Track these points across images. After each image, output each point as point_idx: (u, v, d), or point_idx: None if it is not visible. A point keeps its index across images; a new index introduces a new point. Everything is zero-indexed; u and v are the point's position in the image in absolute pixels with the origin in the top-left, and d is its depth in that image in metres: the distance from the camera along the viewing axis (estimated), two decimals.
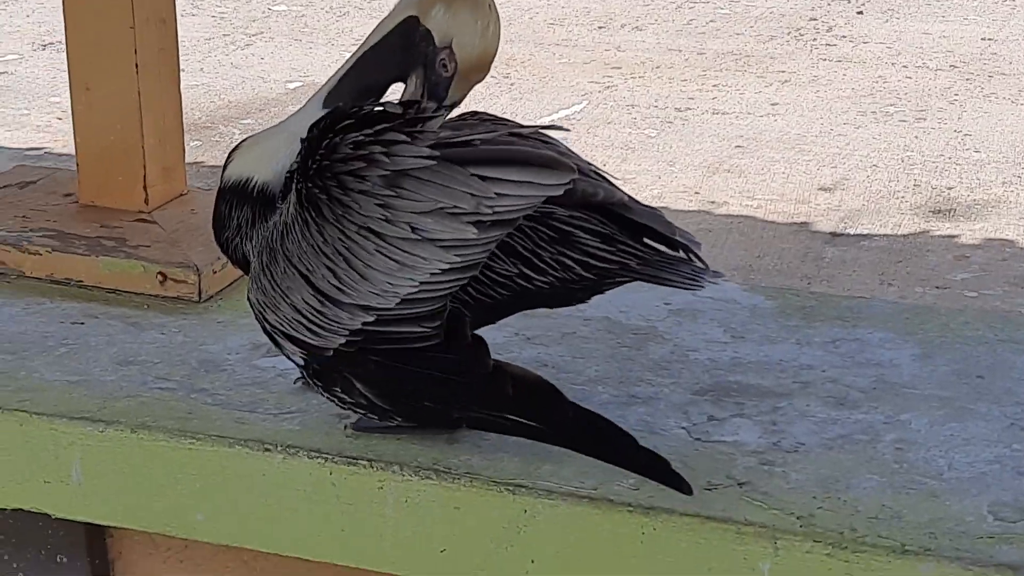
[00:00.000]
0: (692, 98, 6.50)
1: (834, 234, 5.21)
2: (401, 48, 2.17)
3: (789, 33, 7.29)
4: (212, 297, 2.67)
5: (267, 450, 2.24)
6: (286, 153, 2.20)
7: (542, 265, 2.16)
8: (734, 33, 7.31)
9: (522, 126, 2.23)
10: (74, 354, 2.50)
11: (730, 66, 6.85)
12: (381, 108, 2.16)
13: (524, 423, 2.15)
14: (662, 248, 2.20)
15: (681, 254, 2.20)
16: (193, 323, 2.60)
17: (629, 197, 2.22)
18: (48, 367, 2.46)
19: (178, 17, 2.87)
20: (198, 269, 2.64)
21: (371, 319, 2.12)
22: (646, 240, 2.20)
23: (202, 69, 6.71)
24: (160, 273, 2.66)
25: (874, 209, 5.38)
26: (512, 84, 6.66)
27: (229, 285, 2.69)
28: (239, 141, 2.31)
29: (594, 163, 2.26)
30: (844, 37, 7.21)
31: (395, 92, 2.25)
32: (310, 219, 2.11)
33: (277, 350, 2.24)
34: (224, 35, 7.02)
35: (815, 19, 7.48)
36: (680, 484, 2.10)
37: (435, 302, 2.12)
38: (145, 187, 2.81)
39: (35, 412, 2.33)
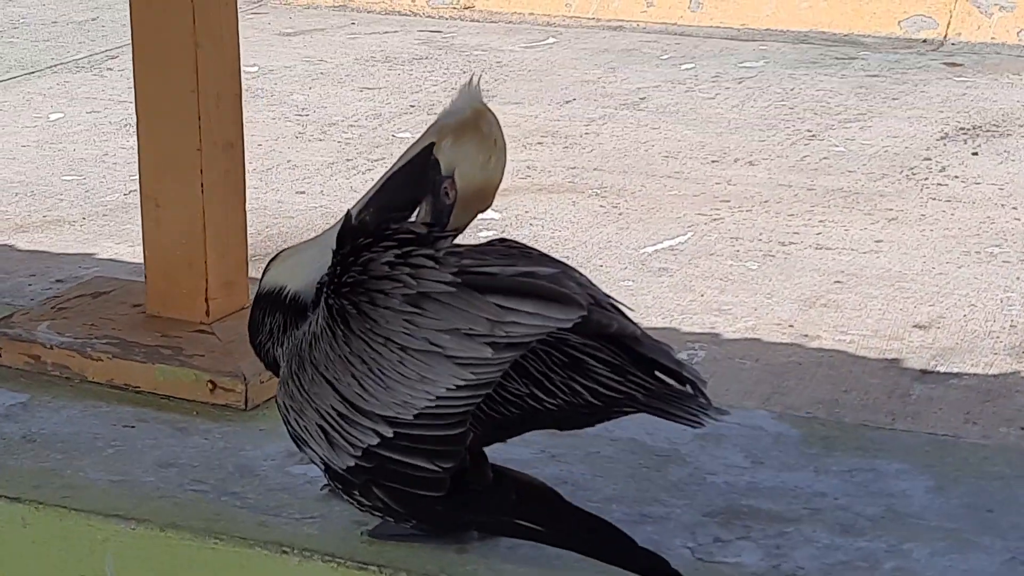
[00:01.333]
0: (797, 232, 6.54)
1: (924, 371, 5.20)
2: (419, 172, 2.30)
3: (901, 172, 7.31)
4: (259, 406, 2.80)
5: (284, 552, 2.35)
6: (318, 265, 2.34)
7: (552, 388, 2.26)
8: (846, 171, 7.34)
9: (547, 257, 2.34)
10: (120, 455, 2.63)
11: (839, 202, 6.88)
12: (406, 229, 2.28)
13: (529, 527, 2.25)
14: (670, 382, 2.29)
15: (688, 389, 2.28)
16: (236, 430, 2.72)
17: (642, 331, 2.31)
18: (93, 467, 2.59)
19: (306, 142, 3.02)
20: (246, 379, 2.77)
21: (390, 433, 2.23)
22: (656, 373, 2.28)
23: (322, 192, 6.89)
24: (210, 381, 2.79)
25: (967, 348, 5.37)
26: (620, 214, 6.76)
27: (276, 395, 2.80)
28: (277, 252, 2.45)
29: (692, 293, 2.35)
30: (956, 177, 7.21)
31: None
32: (339, 331, 2.24)
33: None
34: (347, 160, 7.21)
35: (929, 159, 7.50)
36: None
37: (450, 419, 2.22)
38: (206, 300, 2.96)
39: (74, 508, 2.47)
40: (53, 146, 7.70)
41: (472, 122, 2.29)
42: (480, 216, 2.38)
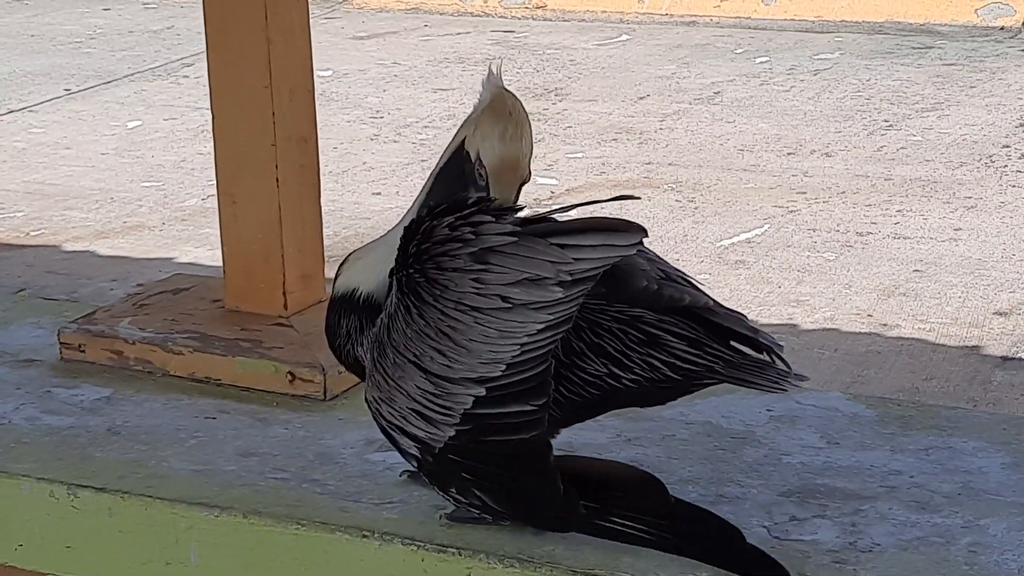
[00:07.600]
0: (874, 223, 6.52)
1: (1005, 358, 5.18)
2: (456, 167, 2.33)
3: (980, 160, 7.27)
4: (337, 396, 2.83)
5: (365, 537, 2.37)
6: (387, 263, 2.36)
7: (631, 365, 2.27)
8: (924, 160, 7.31)
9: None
10: (202, 446, 2.67)
11: (916, 192, 6.85)
12: (462, 199, 2.31)
13: (636, 532, 2.28)
14: (747, 351, 2.30)
15: (766, 357, 2.30)
16: (316, 419, 2.75)
17: (715, 302, 2.33)
18: (177, 457, 2.63)
19: (381, 144, 3.04)
20: (324, 369, 2.80)
21: (482, 392, 2.24)
22: (732, 343, 2.30)
23: (398, 192, 6.93)
24: (289, 372, 2.83)
25: None
26: (696, 208, 6.76)
27: (354, 385, 2.84)
28: (348, 255, 2.48)
29: (769, 285, 2.36)
30: None
31: None
32: (411, 304, 2.25)
33: (390, 444, 2.37)
34: (421, 161, 7.25)
35: (1008, 146, 7.45)
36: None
37: (538, 363, 2.23)
38: (284, 293, 2.99)
39: (158, 497, 2.51)
40: (131, 153, 7.80)
41: (489, 104, 2.33)
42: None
